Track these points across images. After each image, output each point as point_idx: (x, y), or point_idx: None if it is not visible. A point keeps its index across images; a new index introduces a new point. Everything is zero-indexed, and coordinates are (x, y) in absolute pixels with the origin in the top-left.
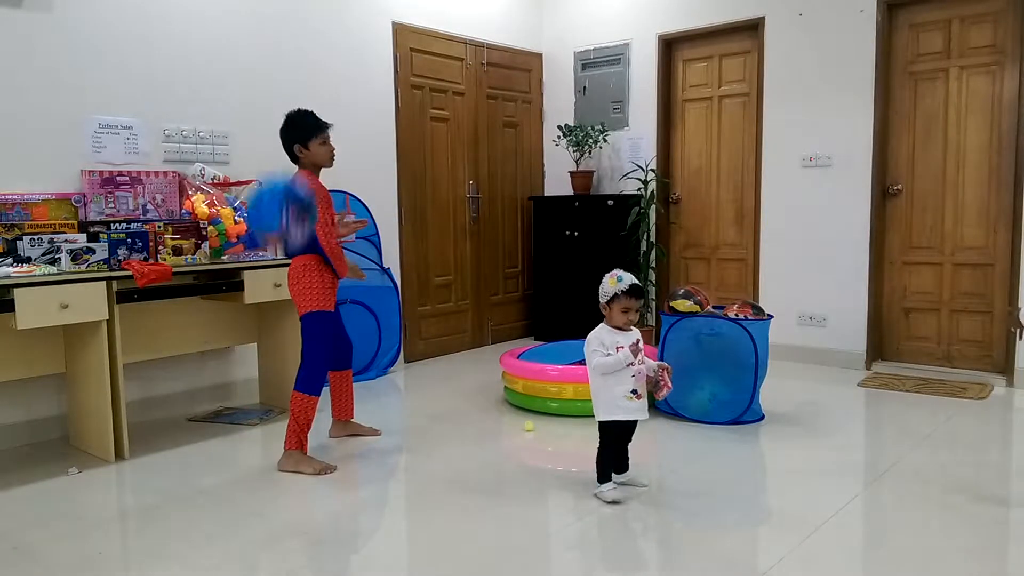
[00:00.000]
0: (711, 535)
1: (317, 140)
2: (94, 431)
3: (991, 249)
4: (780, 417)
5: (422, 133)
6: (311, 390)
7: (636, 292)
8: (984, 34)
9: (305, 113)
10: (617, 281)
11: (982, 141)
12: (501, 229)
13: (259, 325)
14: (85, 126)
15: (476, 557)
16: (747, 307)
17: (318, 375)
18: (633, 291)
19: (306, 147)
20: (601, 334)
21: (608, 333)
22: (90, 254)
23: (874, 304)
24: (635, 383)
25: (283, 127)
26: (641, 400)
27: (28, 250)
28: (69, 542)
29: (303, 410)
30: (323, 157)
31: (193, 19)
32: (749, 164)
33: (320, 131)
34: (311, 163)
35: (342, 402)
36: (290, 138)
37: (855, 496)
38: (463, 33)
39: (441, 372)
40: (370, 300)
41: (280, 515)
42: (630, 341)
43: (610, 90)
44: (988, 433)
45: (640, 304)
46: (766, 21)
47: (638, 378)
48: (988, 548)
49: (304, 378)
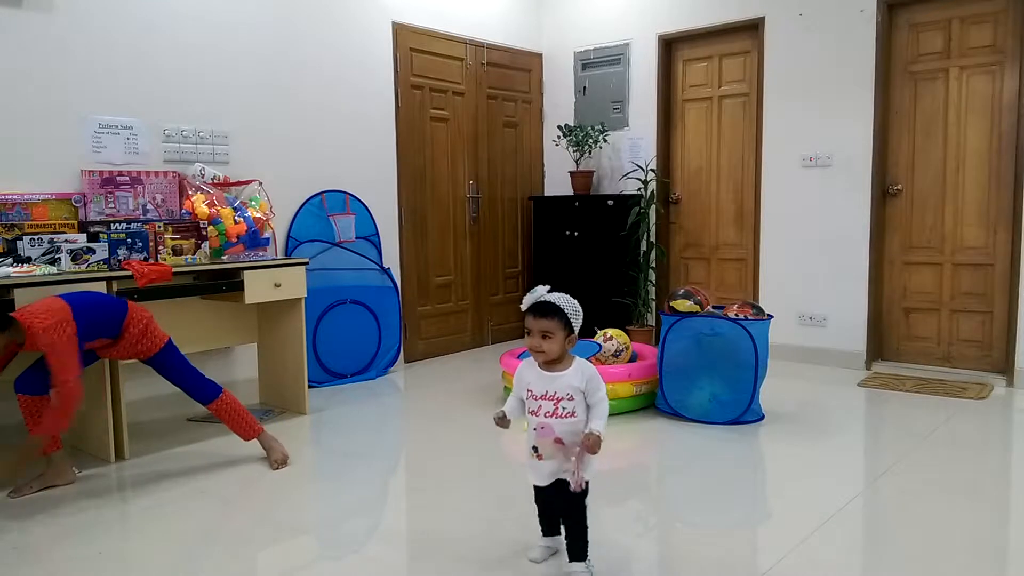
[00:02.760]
0: (711, 535)
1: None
2: (94, 431)
3: (991, 249)
4: (780, 417)
5: (422, 133)
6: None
7: (540, 311)
8: (984, 34)
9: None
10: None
11: (982, 141)
12: (501, 229)
13: (259, 325)
14: (85, 126)
15: (476, 557)
16: (747, 307)
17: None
18: (536, 310)
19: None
20: (523, 366)
21: (528, 368)
22: (90, 254)
23: (874, 304)
24: (536, 438)
25: None
26: (543, 464)
27: (28, 250)
28: (69, 542)
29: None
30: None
31: (193, 19)
32: (749, 164)
33: None
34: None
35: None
36: None
37: (855, 496)
38: (463, 33)
39: (441, 372)
40: (370, 300)
41: (280, 515)
42: (546, 390)
43: (610, 90)
44: (988, 433)
45: (554, 326)
46: (766, 21)
47: (539, 434)
48: (988, 548)
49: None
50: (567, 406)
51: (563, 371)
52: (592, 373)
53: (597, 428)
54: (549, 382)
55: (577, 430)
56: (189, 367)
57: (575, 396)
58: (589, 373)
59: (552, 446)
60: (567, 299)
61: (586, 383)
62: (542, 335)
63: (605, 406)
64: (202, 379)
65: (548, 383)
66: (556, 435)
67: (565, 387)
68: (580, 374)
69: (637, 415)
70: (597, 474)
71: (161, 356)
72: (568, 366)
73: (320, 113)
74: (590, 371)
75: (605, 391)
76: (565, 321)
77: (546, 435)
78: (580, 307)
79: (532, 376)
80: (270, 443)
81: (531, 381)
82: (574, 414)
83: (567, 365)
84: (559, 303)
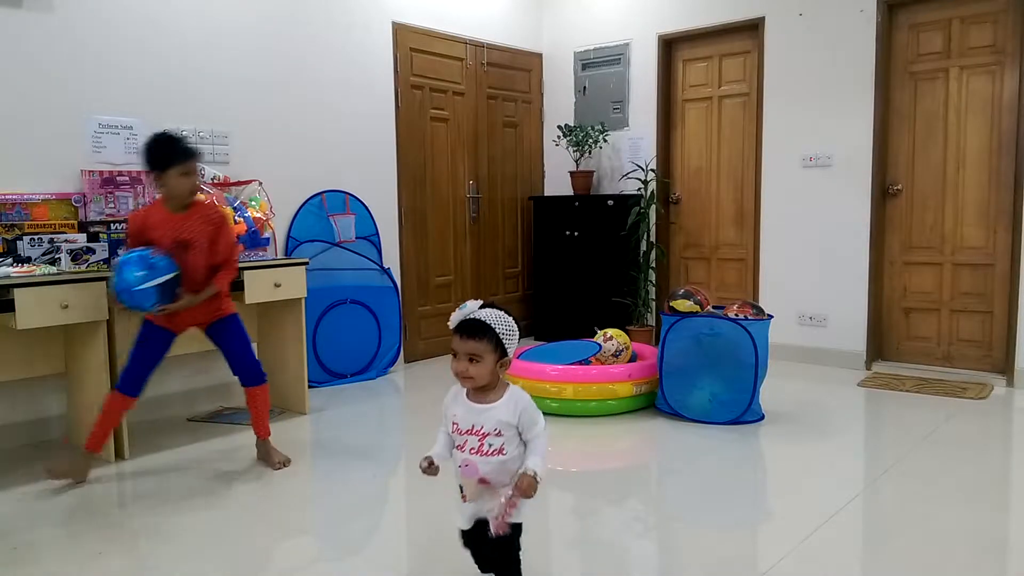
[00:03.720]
0: (711, 535)
1: (175, 170)
2: None
3: (991, 249)
4: (780, 417)
5: (422, 133)
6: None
7: (467, 330)
8: (984, 34)
9: (168, 139)
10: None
11: (982, 141)
12: (501, 229)
13: (259, 325)
14: (85, 126)
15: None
16: (747, 307)
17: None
18: (462, 329)
19: (162, 176)
20: (450, 394)
21: (454, 397)
22: (90, 254)
23: (874, 304)
24: (460, 476)
25: (144, 154)
26: (468, 505)
27: (28, 250)
28: (69, 542)
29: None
30: (181, 192)
31: (193, 19)
32: (749, 164)
33: (181, 160)
34: (167, 195)
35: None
36: (149, 163)
37: (855, 496)
38: (463, 33)
39: (441, 372)
40: (370, 300)
41: (281, 515)
42: (472, 423)
43: (610, 90)
44: (988, 433)
45: (482, 348)
46: (766, 21)
47: (463, 472)
48: (988, 548)
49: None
50: (494, 443)
51: (492, 402)
52: (526, 405)
53: (534, 467)
54: (476, 415)
55: (509, 469)
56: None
57: (504, 431)
58: (523, 404)
59: (476, 487)
60: (501, 316)
61: (519, 416)
62: (469, 358)
63: (543, 441)
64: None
65: (475, 416)
66: (480, 474)
67: (493, 421)
68: (512, 406)
69: (637, 415)
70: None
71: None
72: (499, 396)
73: (320, 113)
74: (524, 402)
75: (544, 424)
76: (496, 342)
77: (470, 474)
78: (516, 326)
79: (459, 407)
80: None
81: (457, 413)
82: (502, 451)
83: (498, 395)
84: (490, 321)
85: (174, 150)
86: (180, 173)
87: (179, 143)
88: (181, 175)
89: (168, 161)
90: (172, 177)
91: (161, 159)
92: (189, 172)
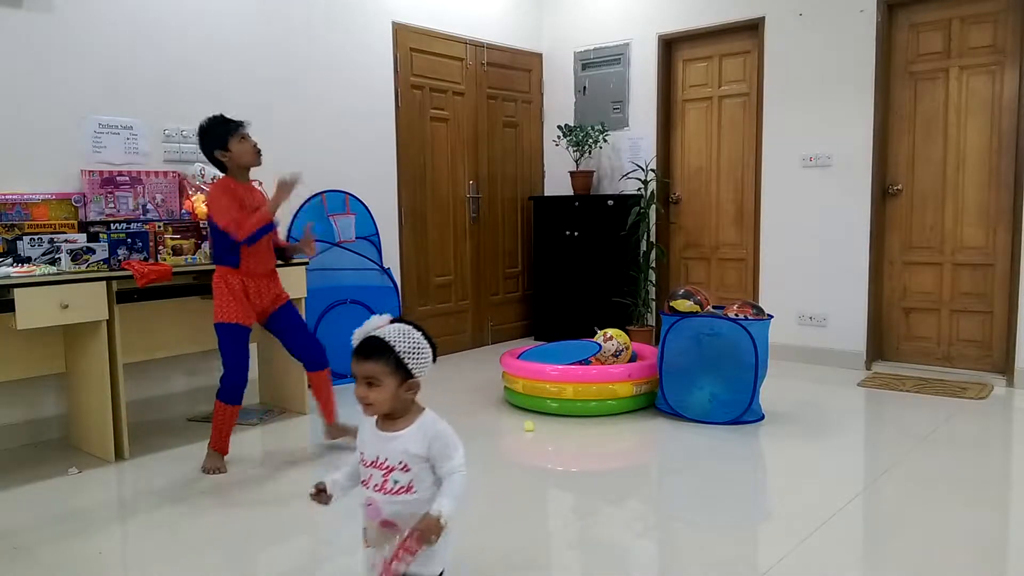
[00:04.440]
0: (711, 535)
1: (235, 139)
2: (94, 431)
3: (991, 249)
4: (780, 417)
5: (422, 133)
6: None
7: (362, 351)
8: (984, 34)
9: (214, 117)
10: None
11: (982, 141)
12: (501, 229)
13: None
14: (85, 126)
15: (476, 557)
16: (747, 307)
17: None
18: (358, 349)
19: (227, 149)
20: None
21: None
22: (90, 254)
23: (874, 304)
24: (364, 517)
25: (199, 140)
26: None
27: (28, 250)
28: (69, 542)
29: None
30: (247, 154)
31: (193, 19)
32: (749, 164)
33: (236, 129)
34: (236, 165)
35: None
36: (209, 146)
37: (855, 496)
38: (463, 33)
39: (441, 372)
40: (370, 300)
41: (281, 515)
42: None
43: (610, 90)
44: (988, 433)
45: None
46: (766, 21)
47: (367, 512)
48: (988, 548)
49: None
50: (400, 479)
51: (399, 431)
52: (438, 433)
53: (440, 509)
54: (381, 444)
55: (419, 512)
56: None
57: (412, 465)
58: (434, 433)
59: (379, 530)
60: (405, 332)
61: (428, 446)
62: (367, 382)
63: (459, 480)
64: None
65: (380, 445)
66: (384, 516)
67: (398, 453)
68: (420, 435)
69: (637, 415)
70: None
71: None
72: (408, 424)
73: (320, 113)
74: (436, 430)
75: (461, 459)
76: (396, 363)
77: (372, 515)
78: (428, 343)
79: (366, 432)
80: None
81: (364, 441)
82: (410, 490)
83: (408, 422)
84: (391, 339)
85: (224, 123)
86: (239, 140)
87: (222, 117)
88: (240, 140)
89: (225, 134)
90: (235, 145)
91: (219, 136)
92: (245, 137)
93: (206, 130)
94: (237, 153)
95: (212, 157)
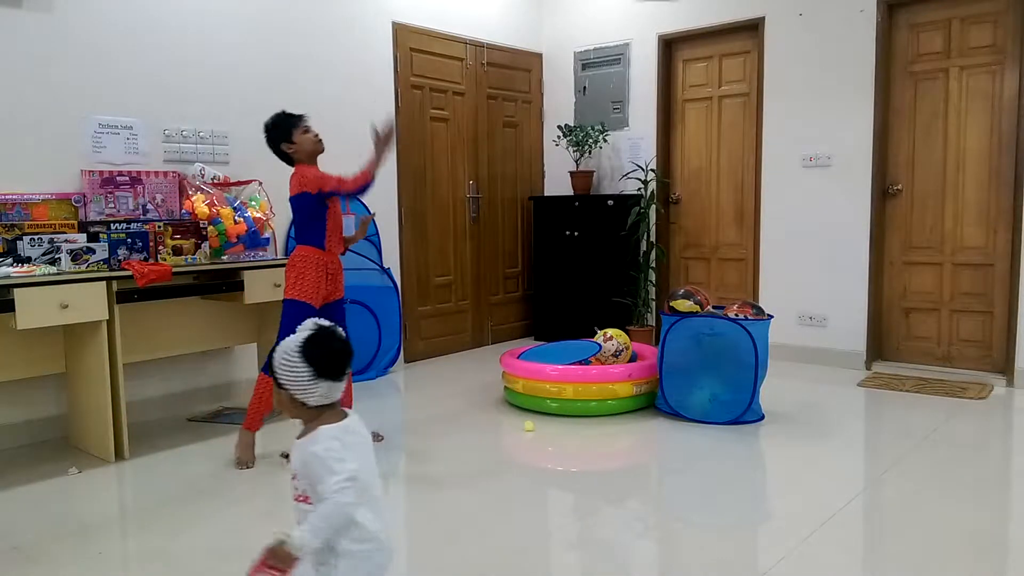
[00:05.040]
0: (711, 535)
1: (299, 131)
2: (94, 431)
3: (991, 249)
4: (780, 417)
5: (422, 133)
6: None
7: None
8: (984, 34)
9: (278, 113)
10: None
11: (982, 141)
12: (501, 229)
13: (259, 325)
14: (85, 126)
15: (476, 557)
16: (747, 307)
17: None
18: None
19: (292, 141)
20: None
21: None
22: (90, 254)
23: (874, 304)
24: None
25: (266, 135)
26: None
27: (28, 250)
28: (69, 542)
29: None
30: (310, 143)
31: (193, 19)
32: (749, 164)
33: (298, 122)
34: (304, 154)
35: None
36: (276, 139)
37: (855, 496)
38: (463, 33)
39: (441, 372)
40: (370, 300)
41: (281, 515)
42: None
43: (610, 90)
44: (988, 433)
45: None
46: (766, 21)
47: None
48: (988, 548)
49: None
50: (298, 487)
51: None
52: (312, 457)
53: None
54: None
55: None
56: None
57: (299, 478)
58: (308, 454)
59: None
60: (284, 347)
61: (303, 465)
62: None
63: (328, 507)
64: None
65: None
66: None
67: (295, 462)
68: (300, 452)
69: (637, 415)
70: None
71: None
72: (304, 436)
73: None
74: (311, 452)
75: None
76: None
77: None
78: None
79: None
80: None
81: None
82: (307, 499)
83: (305, 434)
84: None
85: (287, 117)
86: (302, 131)
87: (284, 112)
88: (303, 132)
89: (289, 127)
90: (299, 136)
91: (285, 129)
92: (307, 128)
93: (271, 126)
94: (301, 143)
95: (279, 150)
